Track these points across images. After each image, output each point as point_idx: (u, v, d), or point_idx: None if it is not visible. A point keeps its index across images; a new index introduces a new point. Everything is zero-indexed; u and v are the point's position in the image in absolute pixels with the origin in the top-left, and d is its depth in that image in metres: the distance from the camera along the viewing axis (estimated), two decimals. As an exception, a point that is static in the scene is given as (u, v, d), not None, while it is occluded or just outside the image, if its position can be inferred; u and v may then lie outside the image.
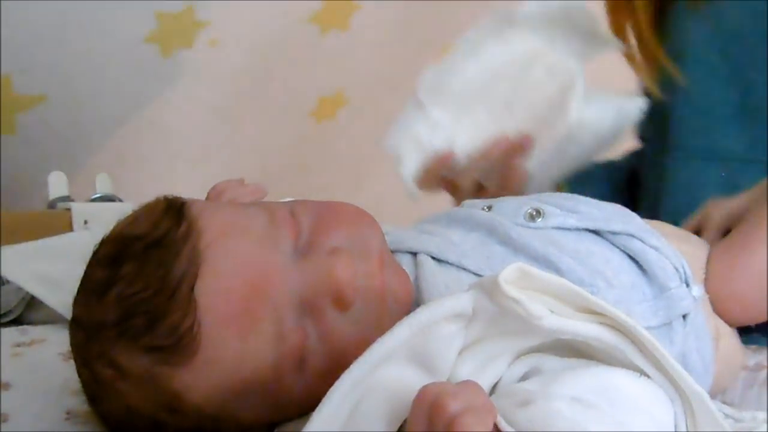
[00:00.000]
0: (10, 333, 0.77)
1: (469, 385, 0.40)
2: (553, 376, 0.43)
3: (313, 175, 1.74)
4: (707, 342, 0.59)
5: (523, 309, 0.41)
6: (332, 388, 0.41)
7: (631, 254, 0.57)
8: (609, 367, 0.43)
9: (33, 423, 0.58)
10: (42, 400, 0.56)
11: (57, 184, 1.15)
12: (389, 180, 0.63)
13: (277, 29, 1.47)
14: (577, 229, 0.58)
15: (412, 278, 0.56)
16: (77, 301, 0.53)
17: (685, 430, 0.43)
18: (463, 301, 0.42)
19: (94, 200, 1.14)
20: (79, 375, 0.54)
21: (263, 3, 1.40)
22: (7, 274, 0.85)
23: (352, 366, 0.41)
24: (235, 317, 0.49)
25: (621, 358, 0.43)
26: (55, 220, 1.05)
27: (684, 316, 0.57)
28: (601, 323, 0.43)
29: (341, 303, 0.51)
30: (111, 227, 0.55)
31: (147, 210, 0.54)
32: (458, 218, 0.61)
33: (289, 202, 0.57)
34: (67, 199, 1.13)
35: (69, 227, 1.04)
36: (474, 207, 0.63)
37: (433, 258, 0.57)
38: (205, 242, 0.50)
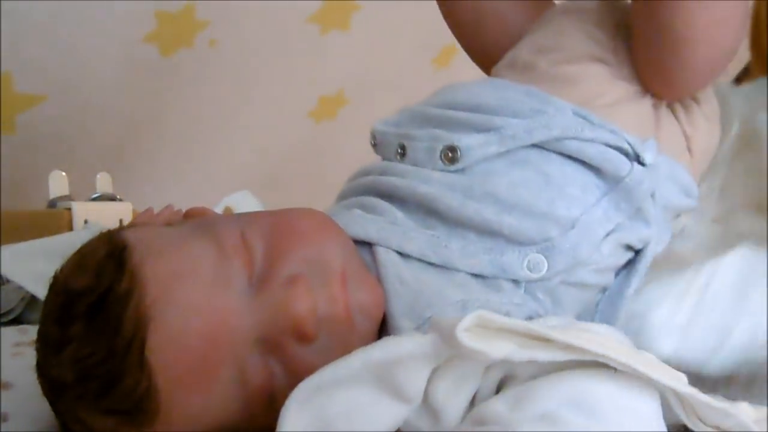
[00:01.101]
0: (10, 332, 0.77)
1: None
2: (525, 390, 0.41)
3: (312, 175, 1.74)
4: (681, 172, 0.59)
5: (485, 357, 0.39)
6: (281, 414, 0.40)
7: (569, 154, 0.55)
8: (583, 372, 0.41)
9: (33, 423, 0.58)
10: (42, 400, 0.55)
11: (57, 184, 1.15)
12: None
13: (277, 29, 1.47)
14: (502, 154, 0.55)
15: (371, 270, 0.53)
16: (38, 349, 0.51)
17: (689, 424, 0.42)
18: (422, 344, 0.41)
19: (94, 200, 1.14)
20: (56, 418, 0.52)
21: (263, 3, 1.40)
22: (8, 273, 0.85)
23: (299, 384, 0.41)
24: (193, 372, 0.46)
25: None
26: (55, 219, 1.05)
27: (651, 195, 0.55)
28: (570, 350, 0.41)
29: (303, 338, 0.48)
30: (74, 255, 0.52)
31: (88, 254, 0.51)
32: (384, 190, 0.57)
33: (240, 220, 0.53)
34: (67, 198, 1.13)
35: (69, 226, 1.05)
36: (389, 149, 0.60)
37: (383, 246, 0.54)
38: (151, 297, 0.46)
